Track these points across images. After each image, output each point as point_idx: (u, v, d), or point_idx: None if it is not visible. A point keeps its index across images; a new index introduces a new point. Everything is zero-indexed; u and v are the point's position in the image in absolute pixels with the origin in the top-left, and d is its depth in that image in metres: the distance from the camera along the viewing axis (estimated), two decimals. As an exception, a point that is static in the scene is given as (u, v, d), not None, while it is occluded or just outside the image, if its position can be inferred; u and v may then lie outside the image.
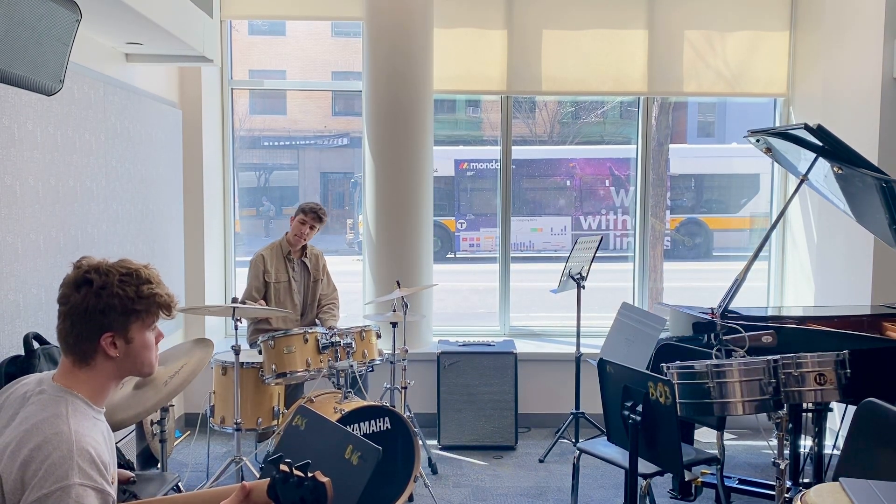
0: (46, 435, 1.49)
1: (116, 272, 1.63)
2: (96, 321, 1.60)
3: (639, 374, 2.83)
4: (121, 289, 1.61)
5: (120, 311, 1.62)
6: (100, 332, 1.61)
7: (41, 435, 1.49)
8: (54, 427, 1.50)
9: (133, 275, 1.64)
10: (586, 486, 4.26)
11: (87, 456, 1.48)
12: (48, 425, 1.51)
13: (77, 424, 1.53)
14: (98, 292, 1.60)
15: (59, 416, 1.53)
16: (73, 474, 1.45)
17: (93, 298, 1.60)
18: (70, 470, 1.45)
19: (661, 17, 5.40)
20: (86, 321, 1.60)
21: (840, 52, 4.85)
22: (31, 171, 3.18)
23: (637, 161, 5.66)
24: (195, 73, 5.14)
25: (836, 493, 2.06)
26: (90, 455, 1.49)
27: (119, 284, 1.62)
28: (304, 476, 1.49)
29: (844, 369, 2.92)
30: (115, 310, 1.61)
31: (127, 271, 1.64)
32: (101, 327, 1.61)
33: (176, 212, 4.90)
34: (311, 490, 1.49)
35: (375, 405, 3.71)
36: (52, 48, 2.47)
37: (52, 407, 1.55)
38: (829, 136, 3.49)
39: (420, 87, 5.04)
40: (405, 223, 5.10)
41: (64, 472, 1.45)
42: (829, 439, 4.02)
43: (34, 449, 1.47)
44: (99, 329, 1.61)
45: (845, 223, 4.43)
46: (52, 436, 1.49)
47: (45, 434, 1.49)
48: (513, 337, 5.53)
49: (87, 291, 1.60)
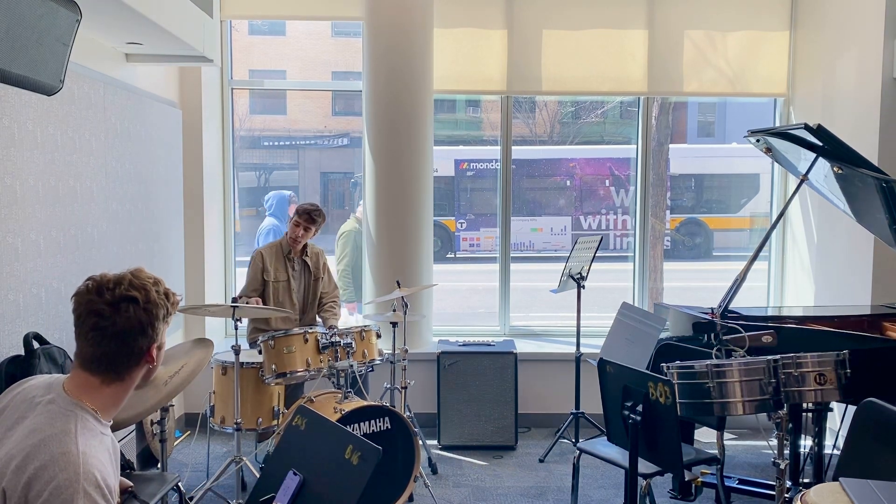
0: (54, 454, 1.47)
1: (147, 281, 1.63)
2: (147, 335, 1.60)
3: (639, 374, 2.83)
4: (158, 297, 1.62)
5: (162, 319, 1.63)
6: (150, 345, 1.61)
7: (48, 454, 1.47)
8: (62, 446, 1.48)
9: (153, 280, 1.65)
10: (586, 486, 4.26)
11: (93, 480, 1.47)
12: (56, 443, 1.48)
13: (85, 444, 1.50)
14: (146, 307, 1.60)
15: (68, 434, 1.50)
16: (79, 498, 1.43)
17: (143, 314, 1.59)
18: (75, 494, 1.43)
19: (661, 17, 5.40)
20: (137, 337, 1.59)
21: (840, 52, 4.85)
22: (31, 171, 3.18)
23: (637, 161, 5.66)
24: (195, 73, 5.14)
25: (836, 493, 2.06)
26: (96, 480, 1.47)
27: (156, 294, 1.62)
28: None
29: (844, 369, 2.92)
30: (159, 320, 1.62)
31: (152, 280, 1.65)
32: (151, 340, 1.61)
33: (176, 212, 4.90)
34: None
35: (375, 405, 3.71)
36: (52, 48, 2.47)
37: (60, 422, 1.53)
38: (829, 136, 3.50)
39: (420, 87, 5.04)
40: (405, 223, 5.10)
41: (69, 496, 1.43)
42: (829, 439, 4.02)
43: (40, 468, 1.45)
44: (149, 342, 1.61)
45: (845, 223, 4.43)
46: (59, 455, 1.47)
47: (52, 453, 1.47)
48: (513, 337, 5.52)
49: (133, 310, 1.58)
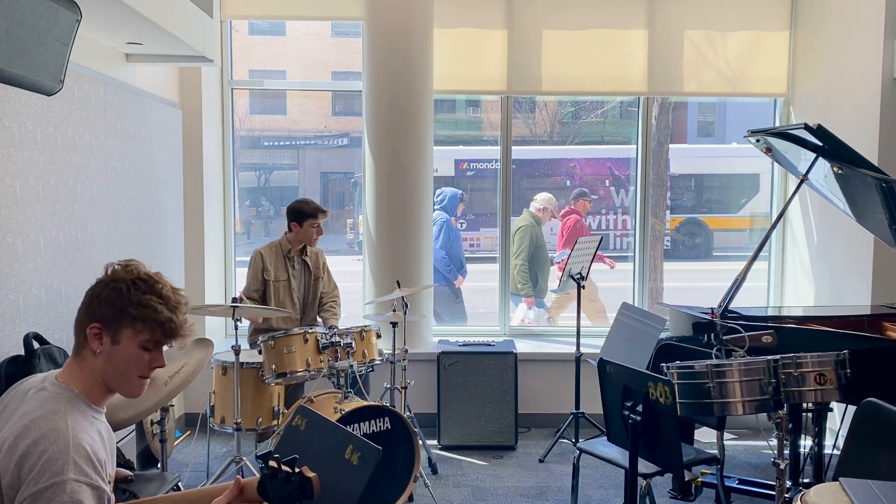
0: (44, 430, 1.51)
1: (136, 274, 1.67)
2: (93, 309, 1.65)
3: (639, 374, 2.83)
4: (126, 288, 1.64)
5: (115, 308, 1.64)
6: (89, 321, 1.64)
7: (38, 430, 1.51)
8: (51, 423, 1.52)
9: (148, 283, 1.66)
10: (586, 486, 4.26)
11: (83, 452, 1.50)
12: (45, 421, 1.52)
13: (74, 422, 1.54)
14: (107, 283, 1.66)
15: (57, 413, 1.55)
16: (69, 470, 1.47)
17: (101, 287, 1.66)
18: (66, 465, 1.47)
19: (661, 17, 5.40)
20: (87, 306, 1.66)
21: (840, 52, 4.85)
22: (31, 171, 3.18)
23: (637, 161, 5.66)
24: (195, 73, 5.14)
25: (836, 493, 2.06)
26: (86, 452, 1.51)
27: (129, 284, 1.65)
28: (292, 472, 1.54)
29: (844, 369, 2.92)
30: (111, 304, 1.64)
31: (146, 278, 1.67)
32: (93, 316, 1.64)
33: (176, 212, 4.90)
34: (298, 486, 1.54)
35: (375, 405, 3.71)
36: (52, 48, 2.47)
37: (50, 403, 1.57)
38: (828, 136, 3.50)
39: (420, 87, 5.04)
40: (405, 223, 5.10)
41: (59, 468, 1.46)
42: (829, 439, 4.02)
43: (31, 444, 1.49)
44: (89, 318, 1.65)
45: (845, 223, 4.42)
46: (49, 431, 1.50)
47: (42, 430, 1.51)
48: (513, 337, 5.52)
49: (100, 280, 1.67)
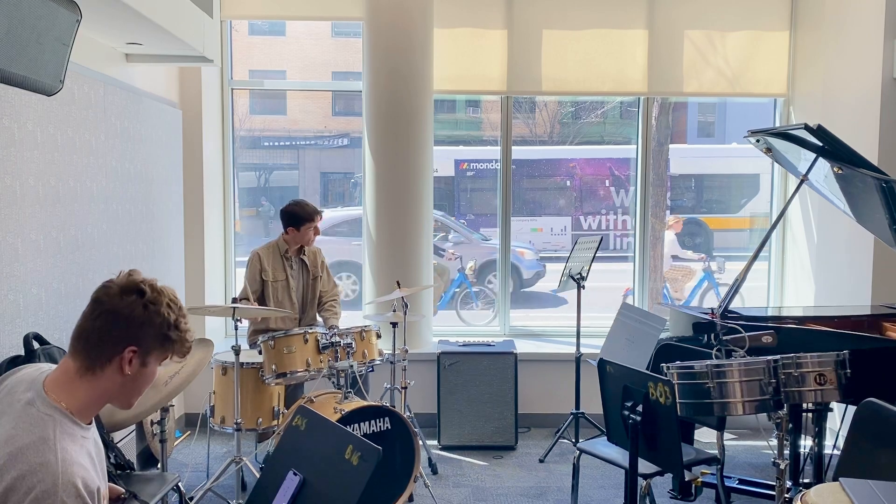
0: (32, 465, 1.46)
1: (168, 295, 1.63)
2: (131, 331, 1.59)
3: (639, 374, 2.83)
4: (167, 311, 1.61)
5: (156, 332, 1.60)
6: (127, 343, 1.58)
7: (27, 463, 1.46)
8: (41, 456, 1.47)
9: (177, 304, 1.65)
10: (586, 486, 4.26)
11: (73, 491, 1.45)
12: (34, 453, 1.47)
13: (64, 451, 1.49)
14: (146, 304, 1.59)
15: (46, 442, 1.49)
16: None
17: (139, 308, 1.58)
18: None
19: (661, 17, 5.40)
20: (121, 326, 1.58)
21: (840, 52, 4.85)
22: (31, 171, 3.18)
23: (637, 161, 5.66)
24: (195, 73, 5.14)
25: (836, 493, 2.06)
26: (76, 489, 1.46)
27: (167, 306, 1.61)
28: None
29: (844, 369, 2.92)
30: (153, 328, 1.60)
31: (175, 299, 1.65)
32: (132, 339, 1.59)
33: (176, 212, 4.90)
34: None
35: (375, 405, 3.71)
36: (52, 48, 2.47)
37: (39, 428, 1.51)
38: (829, 137, 3.50)
39: (420, 87, 5.04)
40: (405, 223, 5.10)
41: None
42: (829, 439, 4.01)
43: (18, 478, 1.44)
44: (128, 339, 1.58)
45: (845, 223, 4.42)
46: (37, 466, 1.45)
47: (30, 463, 1.46)
48: (513, 337, 5.52)
49: (135, 300, 1.59)
